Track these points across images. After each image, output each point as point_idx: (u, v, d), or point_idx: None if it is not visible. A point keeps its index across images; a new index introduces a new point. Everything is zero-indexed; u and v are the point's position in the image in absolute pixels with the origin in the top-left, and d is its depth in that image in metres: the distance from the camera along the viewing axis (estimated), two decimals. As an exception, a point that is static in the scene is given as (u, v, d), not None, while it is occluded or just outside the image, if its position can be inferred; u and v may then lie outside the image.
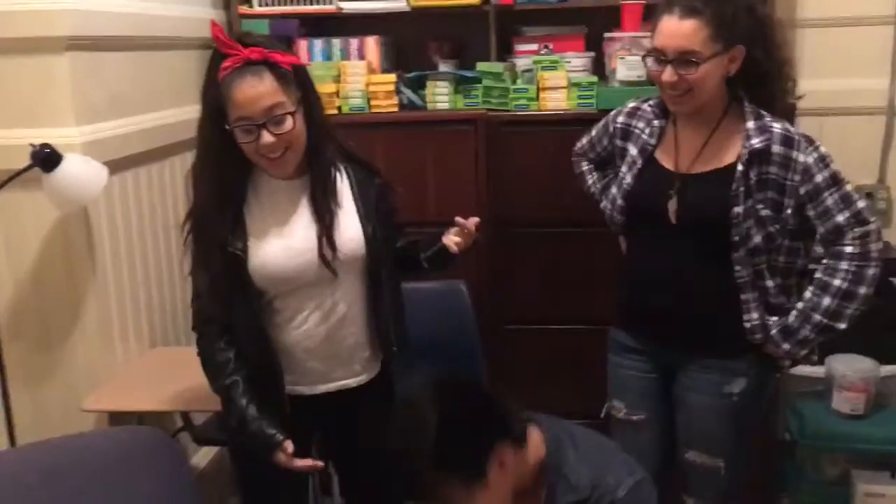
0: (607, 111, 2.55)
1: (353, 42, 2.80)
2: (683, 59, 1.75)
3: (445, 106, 2.72)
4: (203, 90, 1.72)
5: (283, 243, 1.75)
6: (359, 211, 1.81)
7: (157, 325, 2.55)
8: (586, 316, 2.76)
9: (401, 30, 2.95)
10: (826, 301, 1.79)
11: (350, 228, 1.79)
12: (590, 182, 2.24)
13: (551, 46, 2.78)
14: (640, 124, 2.00)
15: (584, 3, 2.75)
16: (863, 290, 1.78)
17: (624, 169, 1.99)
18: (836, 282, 1.79)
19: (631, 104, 2.06)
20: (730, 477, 1.97)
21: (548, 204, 2.69)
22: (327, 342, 1.81)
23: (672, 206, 1.86)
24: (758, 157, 1.79)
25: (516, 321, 2.77)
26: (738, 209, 1.79)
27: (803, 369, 2.23)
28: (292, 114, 1.66)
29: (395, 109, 2.74)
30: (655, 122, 1.96)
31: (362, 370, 1.87)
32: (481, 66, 2.71)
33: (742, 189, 1.80)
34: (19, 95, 2.10)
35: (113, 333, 2.33)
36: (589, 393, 2.72)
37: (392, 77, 2.73)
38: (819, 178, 1.77)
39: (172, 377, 2.34)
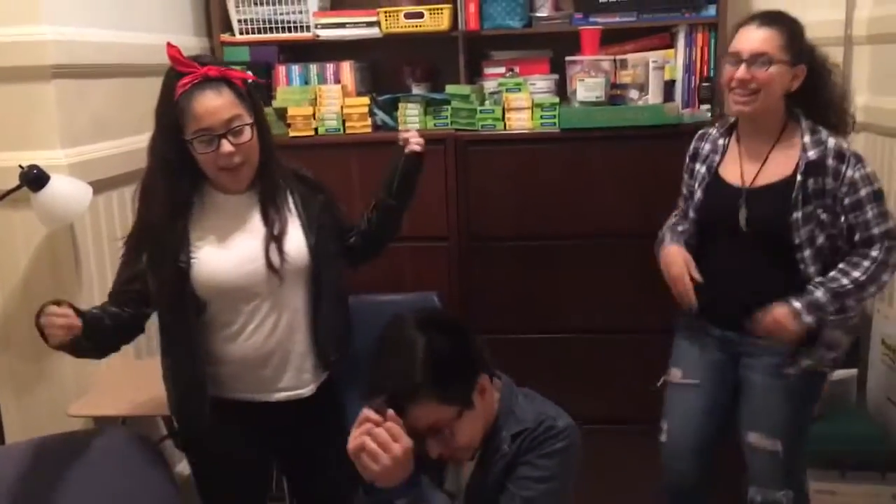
0: (569, 131, 2.72)
1: (330, 67, 2.94)
2: (756, 59, 1.99)
3: (416, 126, 2.85)
4: (158, 107, 1.81)
5: (228, 254, 1.82)
6: (302, 223, 1.90)
7: (143, 336, 2.65)
8: (558, 325, 2.90)
9: (375, 55, 3.10)
10: (844, 282, 1.99)
11: (294, 239, 1.88)
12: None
13: (517, 69, 2.92)
14: (707, 145, 2.21)
15: (548, 28, 2.89)
16: (872, 289, 2.00)
17: (695, 185, 2.19)
18: (856, 273, 1.99)
19: (700, 132, 2.29)
20: (788, 462, 2.13)
21: (515, 218, 2.83)
22: (276, 351, 1.89)
23: (742, 215, 2.05)
24: (814, 168, 1.99)
25: (489, 331, 2.87)
26: (797, 214, 2.00)
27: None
28: (251, 126, 1.77)
29: (369, 130, 2.88)
30: (720, 141, 2.18)
31: (312, 379, 1.95)
32: (450, 88, 2.85)
33: (800, 197, 2.00)
34: (8, 120, 2.23)
35: (98, 344, 2.44)
36: (563, 399, 2.84)
37: (366, 100, 2.87)
38: (863, 192, 1.98)
39: (157, 386, 2.44)
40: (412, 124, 2.86)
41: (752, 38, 2.00)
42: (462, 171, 2.81)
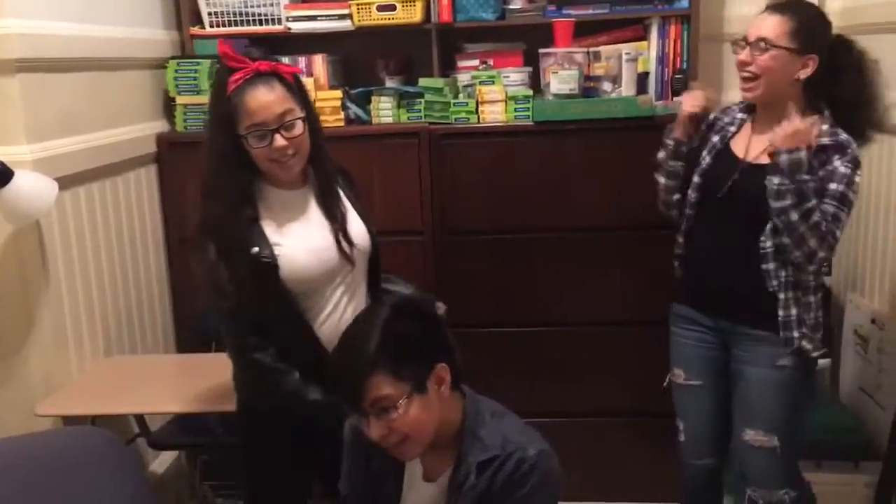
0: (543, 123, 2.71)
1: (301, 60, 2.91)
2: (757, 43, 1.99)
3: (389, 120, 2.84)
4: (211, 104, 1.85)
5: (305, 245, 1.86)
6: (356, 210, 1.97)
7: (113, 334, 2.63)
8: (533, 318, 2.89)
9: (347, 48, 3.08)
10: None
11: (356, 225, 1.94)
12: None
13: (491, 62, 2.91)
14: (726, 118, 2.21)
15: (521, 20, 2.88)
16: (813, 218, 1.92)
17: (704, 153, 2.18)
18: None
19: (724, 106, 2.29)
20: (785, 459, 2.12)
21: (490, 211, 2.81)
22: None
23: (727, 186, 2.06)
24: (818, 154, 1.97)
25: (463, 325, 2.86)
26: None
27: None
28: (302, 119, 1.80)
29: (342, 124, 2.86)
30: (738, 115, 2.19)
31: None
32: (423, 81, 2.84)
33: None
34: (-28, 115, 2.19)
35: (67, 342, 2.41)
36: (537, 393, 2.85)
37: (338, 93, 2.84)
38: (833, 186, 1.95)
39: (127, 383, 2.43)
40: (385, 118, 2.84)
41: (760, 24, 2.01)
42: (436, 165, 2.79)
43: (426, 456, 1.63)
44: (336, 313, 1.91)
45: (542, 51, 2.79)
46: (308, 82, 2.84)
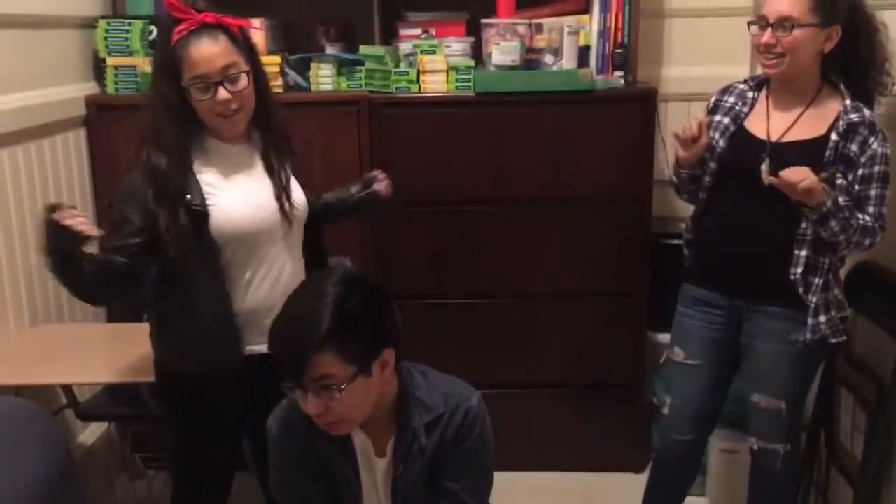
0: (484, 94, 2.70)
1: (239, 23, 2.84)
2: (781, 23, 1.96)
3: (329, 88, 2.79)
4: (156, 55, 1.84)
5: (243, 200, 1.84)
6: (297, 177, 1.96)
7: (39, 302, 2.55)
8: (470, 290, 2.90)
9: (287, 12, 3.00)
10: (851, 213, 1.96)
11: (296, 189, 1.94)
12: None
13: (433, 31, 2.87)
14: (731, 98, 2.18)
15: (465, -11, 2.86)
16: (854, 238, 1.97)
17: (717, 136, 2.15)
18: (857, 216, 1.97)
19: (724, 86, 2.24)
20: (790, 417, 2.16)
21: (430, 182, 2.79)
22: (283, 299, 1.85)
23: (765, 168, 2.01)
24: (849, 132, 1.98)
25: (402, 296, 2.83)
26: (824, 174, 1.95)
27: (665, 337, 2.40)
28: (247, 73, 1.78)
29: (281, 91, 2.79)
30: (749, 94, 2.16)
31: None
32: (364, 49, 2.79)
33: (832, 157, 1.98)
34: None
35: (-9, 310, 2.33)
36: (476, 364, 2.85)
37: (276, 59, 2.77)
38: (877, 168, 1.98)
39: (54, 353, 2.36)
40: (324, 85, 2.79)
41: (780, 1, 1.97)
42: (376, 134, 2.76)
43: (372, 432, 1.63)
44: (270, 276, 1.89)
45: (484, 21, 2.77)
46: (245, 46, 2.77)
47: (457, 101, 2.73)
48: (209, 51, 1.74)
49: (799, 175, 1.90)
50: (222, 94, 1.76)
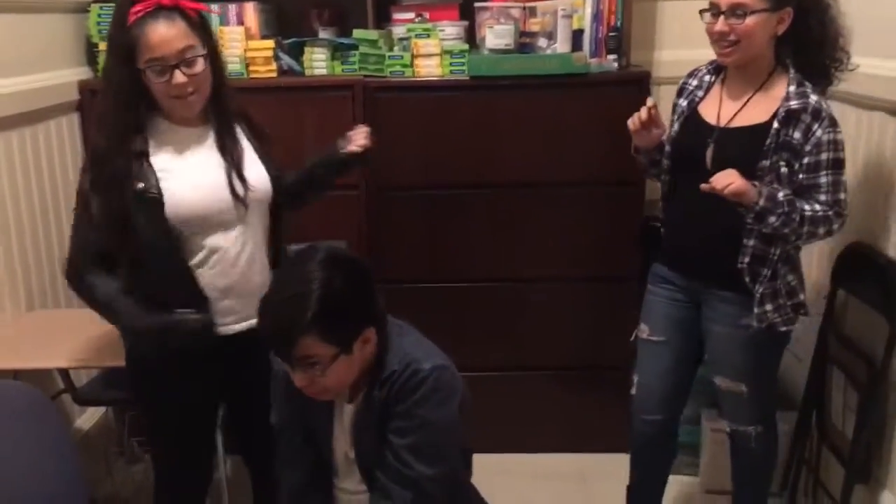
0: (478, 78, 2.70)
1: (232, 8, 2.82)
2: (733, 11, 1.94)
3: (323, 72, 2.79)
4: (110, 35, 1.80)
5: (193, 182, 1.83)
6: (258, 154, 1.94)
7: (35, 287, 2.55)
8: (464, 274, 2.91)
9: (280, -3, 3.00)
10: (797, 203, 1.96)
11: (254, 168, 1.91)
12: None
13: (427, 15, 2.87)
14: (694, 81, 2.19)
15: (458, -28, 2.85)
16: (805, 229, 1.97)
17: (674, 118, 2.17)
18: (806, 206, 1.97)
19: (692, 69, 2.24)
20: (753, 401, 2.18)
21: (424, 166, 2.80)
22: (240, 280, 1.90)
23: (709, 154, 2.04)
24: (790, 119, 1.97)
25: (397, 280, 2.87)
26: (765, 162, 1.98)
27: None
28: (203, 56, 1.77)
29: (275, 75, 2.79)
30: (706, 78, 2.17)
31: None
32: (358, 33, 2.79)
33: (773, 145, 1.98)
34: None
35: (-13, 296, 2.34)
36: (469, 347, 2.87)
37: (270, 43, 2.77)
38: (824, 156, 1.96)
39: (51, 338, 2.36)
40: (318, 69, 2.79)
41: None
42: (370, 119, 2.74)
43: None
44: (226, 258, 1.88)
45: (477, 5, 2.77)
46: (238, 31, 2.78)
47: (451, 85, 2.74)
48: (167, 33, 1.72)
49: (725, 180, 1.91)
50: (179, 77, 1.74)
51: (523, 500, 2.78)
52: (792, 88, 1.99)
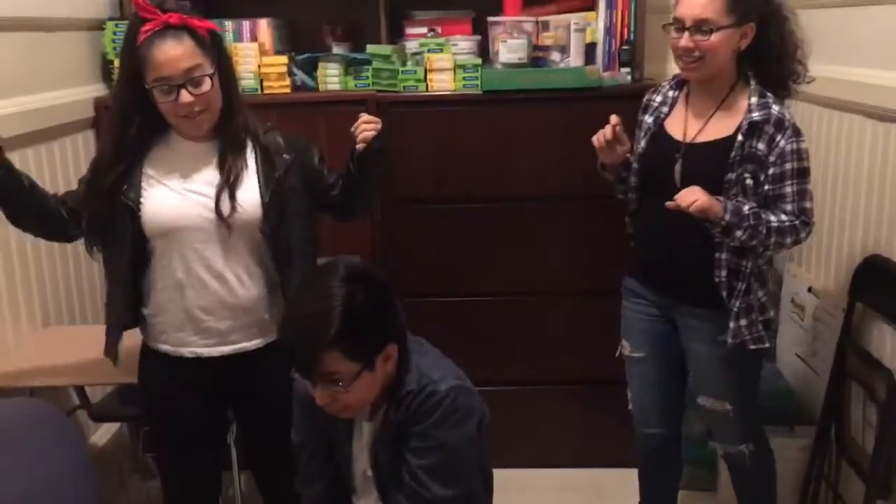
0: (491, 92, 2.71)
1: (246, 24, 2.85)
2: (698, 27, 1.94)
3: (336, 87, 2.80)
4: (121, 52, 1.82)
5: (177, 196, 1.83)
6: (259, 178, 1.88)
7: (51, 303, 2.56)
8: (478, 287, 2.91)
9: (293, 12, 3.02)
10: (762, 215, 1.97)
11: (249, 190, 1.86)
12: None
13: (439, 30, 2.89)
14: (658, 97, 2.19)
15: (471, -13, 2.86)
16: (772, 240, 1.98)
17: (640, 134, 2.17)
18: (772, 217, 1.98)
19: (655, 87, 2.25)
20: (740, 419, 2.17)
21: (436, 180, 2.81)
22: (225, 303, 1.88)
23: (678, 169, 2.04)
24: (753, 131, 1.97)
25: (410, 294, 2.86)
26: (731, 175, 1.98)
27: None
28: (210, 76, 1.76)
29: (288, 91, 2.80)
30: (670, 94, 2.17)
31: (260, 333, 1.93)
32: (371, 48, 2.80)
33: (738, 158, 1.98)
34: None
35: (3, 313, 2.34)
36: (483, 361, 2.85)
37: (284, 59, 2.79)
38: (788, 166, 1.97)
39: (67, 354, 2.36)
40: (331, 84, 2.80)
41: (694, 4, 1.95)
42: (384, 133, 2.75)
43: None
44: (207, 279, 1.85)
45: (490, 19, 2.78)
46: (252, 47, 2.79)
47: (464, 99, 2.74)
48: (172, 52, 1.72)
49: (690, 197, 1.91)
50: (185, 96, 1.74)
51: (539, 516, 2.76)
52: (754, 100, 2.01)
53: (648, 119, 2.19)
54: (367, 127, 1.96)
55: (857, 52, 2.39)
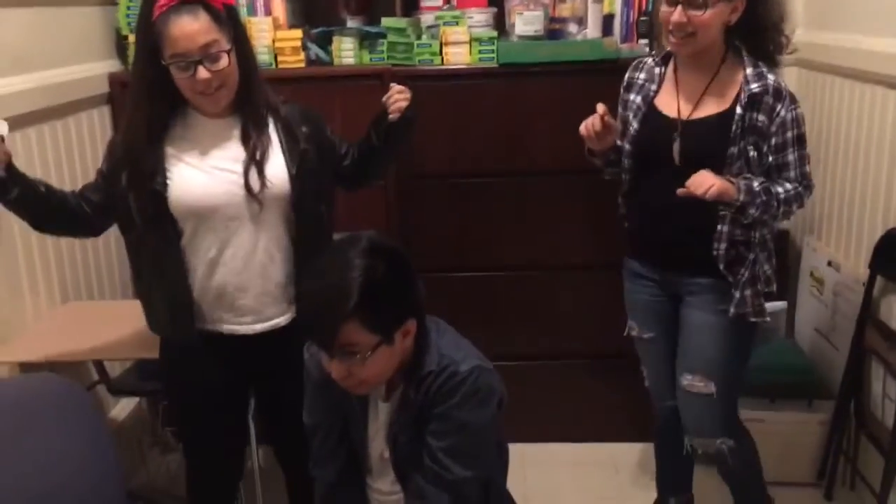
0: (507, 65, 2.68)
1: (260, -2, 2.83)
2: (692, 1, 1.91)
3: (351, 61, 2.78)
4: (137, 29, 1.79)
5: (204, 175, 1.82)
6: (283, 151, 1.87)
7: (69, 279, 2.58)
8: (493, 262, 2.90)
9: (308, -14, 2.99)
10: (772, 188, 1.97)
11: (276, 164, 1.85)
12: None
13: (454, 2, 2.85)
14: (642, 75, 2.15)
15: (486, -41, 2.82)
16: (781, 210, 1.99)
17: (630, 116, 2.13)
18: (780, 189, 1.99)
19: (635, 62, 2.21)
20: (722, 407, 2.15)
21: (452, 155, 2.79)
22: (256, 280, 1.88)
23: (676, 148, 2.02)
24: (753, 103, 1.96)
25: (426, 270, 2.84)
26: (734, 149, 1.97)
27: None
28: (227, 52, 1.74)
29: (303, 65, 2.79)
30: (656, 70, 2.13)
31: (290, 308, 1.93)
32: (386, 21, 2.77)
33: (739, 131, 1.97)
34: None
35: (23, 289, 2.36)
36: (499, 337, 2.86)
37: (298, 33, 2.77)
38: (789, 134, 1.97)
39: (86, 329, 2.38)
40: (346, 59, 2.78)
41: None
42: (413, 103, 2.74)
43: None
44: (239, 255, 1.85)
45: (506, -9, 2.75)
46: (266, 21, 2.77)
47: (480, 72, 2.72)
48: (189, 28, 1.69)
49: (704, 185, 1.89)
50: (202, 73, 1.72)
51: (555, 490, 2.77)
52: (749, 71, 1.99)
53: (636, 98, 2.14)
54: (399, 97, 1.97)
55: (879, 21, 2.35)
